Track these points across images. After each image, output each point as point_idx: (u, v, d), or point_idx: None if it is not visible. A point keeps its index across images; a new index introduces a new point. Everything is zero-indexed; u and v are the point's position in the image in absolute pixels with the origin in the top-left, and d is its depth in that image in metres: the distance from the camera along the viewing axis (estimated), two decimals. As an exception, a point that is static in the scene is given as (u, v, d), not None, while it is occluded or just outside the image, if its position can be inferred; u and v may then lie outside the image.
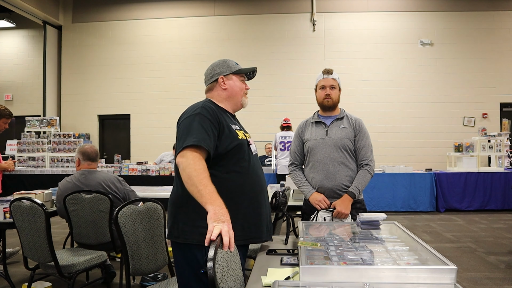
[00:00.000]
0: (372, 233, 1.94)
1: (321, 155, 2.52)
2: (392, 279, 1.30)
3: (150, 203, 2.45)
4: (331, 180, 2.48)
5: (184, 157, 1.62)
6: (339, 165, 2.49)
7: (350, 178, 2.49)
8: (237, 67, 1.97)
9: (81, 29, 10.17)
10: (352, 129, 2.56)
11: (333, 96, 2.55)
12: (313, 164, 2.55)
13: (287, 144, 6.75)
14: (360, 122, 2.61)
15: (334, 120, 2.59)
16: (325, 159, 2.51)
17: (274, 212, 2.11)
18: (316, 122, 2.63)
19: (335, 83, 2.56)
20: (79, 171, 3.28)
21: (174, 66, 9.79)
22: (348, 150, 2.52)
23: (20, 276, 3.79)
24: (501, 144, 7.78)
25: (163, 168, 7.24)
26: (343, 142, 2.51)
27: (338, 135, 2.53)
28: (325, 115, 2.63)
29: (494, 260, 4.26)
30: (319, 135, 2.57)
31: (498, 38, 9.30)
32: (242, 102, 1.98)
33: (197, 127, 1.70)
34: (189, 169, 1.58)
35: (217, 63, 1.98)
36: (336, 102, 2.58)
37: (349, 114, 2.65)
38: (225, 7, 9.78)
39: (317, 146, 2.55)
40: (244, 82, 1.99)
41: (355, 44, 9.46)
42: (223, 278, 1.30)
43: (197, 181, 1.54)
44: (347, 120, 2.59)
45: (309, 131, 2.63)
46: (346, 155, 2.51)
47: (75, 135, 8.72)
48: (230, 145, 1.78)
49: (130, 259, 2.27)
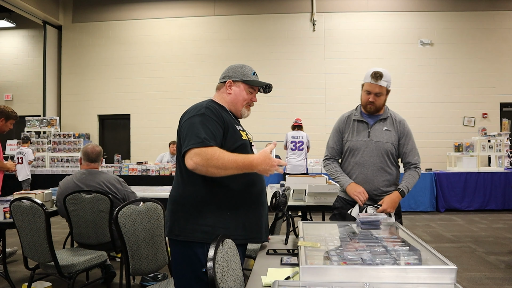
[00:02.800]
0: (372, 233, 1.94)
1: (362, 157, 2.44)
2: (392, 279, 1.30)
3: (150, 203, 2.45)
4: (368, 184, 2.41)
5: (199, 155, 1.60)
6: (378, 170, 2.42)
7: (388, 182, 2.43)
8: (249, 77, 1.92)
9: (81, 29, 10.17)
10: (396, 132, 2.47)
11: (377, 103, 2.43)
12: (353, 166, 2.47)
13: (298, 143, 6.77)
14: (403, 123, 2.50)
15: (377, 121, 2.48)
16: (365, 162, 2.43)
17: (274, 212, 2.11)
18: (359, 120, 2.52)
19: (382, 90, 2.40)
20: (81, 171, 3.28)
21: (174, 66, 9.79)
22: (390, 155, 2.44)
23: (20, 276, 3.79)
24: (501, 144, 7.78)
25: (163, 168, 7.24)
26: (385, 147, 2.42)
27: (381, 138, 2.43)
28: (369, 113, 2.51)
29: (494, 260, 4.26)
30: (361, 136, 2.47)
31: (498, 38, 9.30)
32: (241, 112, 1.94)
33: (203, 127, 1.69)
34: (212, 162, 1.59)
35: (234, 66, 1.95)
36: (381, 108, 2.47)
37: (393, 113, 2.53)
38: (225, 7, 9.78)
39: (358, 147, 2.46)
40: (252, 94, 1.94)
41: (355, 44, 9.46)
42: (223, 278, 1.30)
43: (229, 164, 1.60)
44: (391, 121, 2.48)
45: (350, 129, 2.52)
46: (387, 160, 2.43)
47: (75, 135, 8.73)
48: (234, 145, 1.78)
49: (130, 259, 2.27)
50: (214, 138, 1.67)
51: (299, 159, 6.75)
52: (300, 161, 6.74)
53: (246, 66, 1.95)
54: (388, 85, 2.41)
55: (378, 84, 2.38)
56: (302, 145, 6.77)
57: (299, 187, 3.62)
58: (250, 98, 1.94)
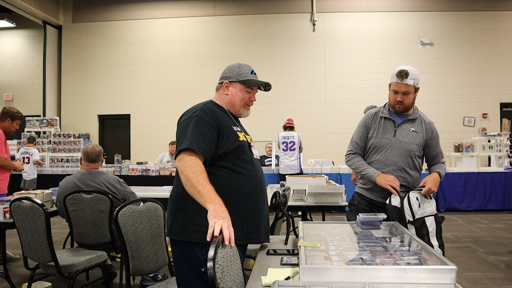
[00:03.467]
0: (372, 233, 1.94)
1: (384, 156, 2.41)
2: (392, 279, 1.30)
3: (150, 203, 2.45)
4: None
5: (181, 160, 1.66)
6: (399, 170, 2.39)
7: (407, 184, 2.41)
8: (245, 77, 1.90)
9: (81, 29, 10.17)
10: (423, 134, 2.41)
11: (406, 102, 2.37)
12: (375, 163, 2.44)
13: (290, 144, 6.76)
14: (432, 126, 2.45)
15: (405, 121, 2.43)
16: (387, 161, 2.40)
17: (274, 212, 2.11)
18: (386, 118, 2.46)
19: (409, 88, 2.33)
20: (81, 171, 3.28)
21: (174, 66, 9.79)
22: (414, 156, 2.40)
23: (20, 276, 3.79)
24: (501, 144, 7.78)
25: (163, 168, 7.25)
26: (410, 148, 2.38)
27: (407, 139, 2.39)
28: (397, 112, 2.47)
29: (494, 260, 4.26)
30: (386, 134, 2.42)
31: (498, 38, 9.30)
32: (240, 113, 1.94)
33: (193, 130, 1.72)
34: (186, 172, 1.61)
35: (231, 66, 1.94)
36: (410, 107, 2.42)
37: (422, 114, 2.48)
38: (225, 7, 9.78)
39: (381, 145, 2.42)
40: (250, 93, 1.93)
41: (355, 44, 9.46)
42: (223, 278, 1.30)
43: (195, 182, 1.58)
44: (419, 123, 2.43)
45: (376, 125, 2.47)
46: (409, 162, 2.40)
47: (75, 135, 8.73)
48: (231, 146, 1.78)
49: (130, 259, 2.27)
50: (204, 142, 1.70)
51: (292, 159, 6.75)
52: (292, 161, 6.74)
53: (243, 65, 1.94)
54: (416, 82, 2.35)
55: (404, 83, 2.32)
56: (294, 145, 6.76)
57: (299, 187, 3.62)
58: (248, 97, 1.93)
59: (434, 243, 2.25)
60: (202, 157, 1.68)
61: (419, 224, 2.27)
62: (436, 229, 2.30)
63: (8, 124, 4.05)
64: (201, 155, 1.68)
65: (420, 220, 2.27)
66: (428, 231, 2.26)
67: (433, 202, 2.34)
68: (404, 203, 2.31)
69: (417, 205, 2.29)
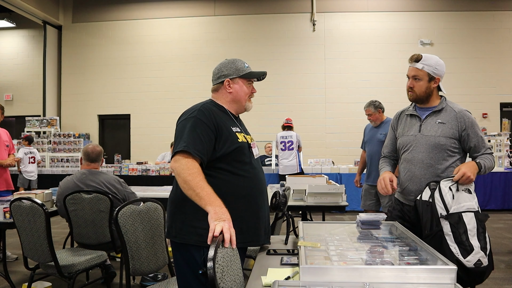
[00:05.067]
0: (372, 233, 1.94)
1: (410, 154, 2.23)
2: (392, 279, 1.30)
3: (150, 203, 2.45)
4: (415, 184, 2.20)
5: (177, 162, 1.64)
6: (428, 168, 2.17)
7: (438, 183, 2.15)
8: (245, 71, 1.90)
9: (81, 29, 10.17)
10: (453, 124, 2.16)
11: (416, 89, 2.20)
12: (403, 162, 2.28)
13: (288, 143, 6.75)
14: (463, 113, 2.18)
15: (430, 113, 2.23)
16: (413, 159, 2.21)
17: (274, 212, 2.11)
18: (411, 115, 2.31)
19: (419, 73, 2.18)
20: (81, 171, 3.28)
21: (174, 66, 9.79)
22: (444, 150, 2.16)
23: (20, 276, 3.79)
24: (501, 144, 7.78)
25: (163, 168, 7.25)
26: (437, 141, 2.15)
27: (433, 132, 2.17)
28: (421, 106, 2.27)
29: (494, 260, 4.24)
30: (411, 131, 2.26)
31: (498, 38, 9.30)
32: (245, 107, 1.94)
33: (190, 131, 1.70)
34: (183, 174, 1.60)
35: (225, 63, 1.92)
36: (422, 95, 2.21)
37: (452, 104, 2.24)
38: (225, 7, 9.78)
39: (407, 143, 2.25)
40: (251, 85, 1.93)
41: (355, 44, 9.46)
42: (223, 278, 1.30)
43: (193, 185, 1.57)
44: (448, 113, 2.20)
45: (402, 124, 2.34)
46: (439, 157, 2.16)
47: (75, 135, 8.73)
48: (229, 148, 1.77)
49: (130, 259, 2.27)
50: (200, 144, 1.68)
51: (290, 159, 6.73)
52: (291, 161, 6.73)
53: (237, 60, 1.93)
54: (429, 69, 2.17)
55: (414, 66, 2.19)
56: (292, 145, 6.74)
57: (299, 187, 3.62)
58: (251, 90, 1.94)
59: (475, 244, 1.94)
60: (198, 159, 1.66)
61: (454, 219, 1.97)
62: (478, 229, 1.97)
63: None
64: (197, 157, 1.66)
65: (456, 215, 1.98)
66: (466, 228, 1.95)
67: (472, 197, 2.05)
68: (435, 195, 2.04)
69: (451, 196, 2.01)
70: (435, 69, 2.19)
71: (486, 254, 1.97)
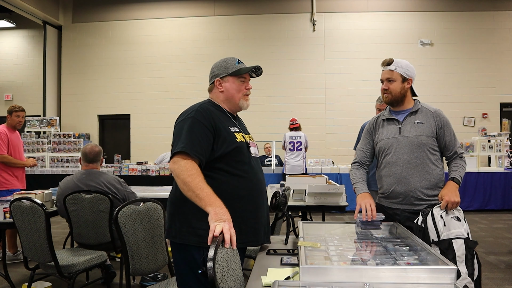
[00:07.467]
0: (372, 233, 1.94)
1: (393, 156, 2.23)
2: (392, 279, 1.30)
3: (150, 203, 2.45)
4: (404, 185, 2.20)
5: (176, 163, 1.64)
6: (414, 167, 2.19)
7: (428, 183, 2.19)
8: (234, 68, 1.89)
9: (81, 29, 10.17)
10: (431, 123, 2.23)
11: (392, 90, 2.26)
12: (384, 166, 2.28)
13: (297, 144, 6.79)
14: (439, 113, 2.27)
15: (407, 115, 2.28)
16: (397, 160, 2.22)
17: (274, 212, 2.11)
18: (388, 119, 2.34)
19: (392, 75, 2.26)
20: (81, 171, 3.29)
21: (174, 66, 9.79)
22: (427, 150, 2.20)
23: (20, 276, 3.79)
24: (501, 144, 7.78)
25: (163, 168, 7.24)
26: (419, 141, 2.20)
27: (414, 132, 2.22)
28: (397, 110, 2.32)
29: (494, 260, 4.26)
30: (391, 134, 2.28)
31: (498, 38, 9.29)
32: (240, 105, 1.91)
33: (188, 132, 1.70)
34: (182, 175, 1.60)
35: (217, 63, 1.93)
36: (398, 96, 2.26)
37: (426, 105, 2.32)
38: (225, 7, 9.78)
39: (388, 146, 2.27)
40: (244, 82, 1.91)
41: (355, 44, 9.46)
42: (223, 278, 1.30)
43: (193, 186, 1.56)
44: (424, 113, 2.26)
45: (380, 129, 2.36)
46: (423, 156, 2.20)
47: (75, 135, 8.72)
48: (227, 148, 1.76)
49: (130, 259, 2.27)
50: (198, 144, 1.68)
51: (298, 159, 6.76)
52: (298, 161, 6.76)
53: (228, 58, 1.92)
54: (402, 70, 2.25)
55: (387, 69, 2.28)
56: (301, 146, 6.79)
57: (299, 187, 3.62)
58: (244, 87, 1.91)
59: (463, 270, 1.94)
60: (197, 160, 1.66)
61: (444, 246, 1.99)
62: (466, 255, 1.98)
63: (9, 119, 4.38)
64: (196, 158, 1.65)
65: (446, 241, 2.00)
66: (455, 255, 1.97)
67: (462, 224, 2.04)
68: (428, 220, 2.06)
69: (442, 223, 2.03)
70: (407, 71, 2.28)
71: (473, 280, 1.98)
